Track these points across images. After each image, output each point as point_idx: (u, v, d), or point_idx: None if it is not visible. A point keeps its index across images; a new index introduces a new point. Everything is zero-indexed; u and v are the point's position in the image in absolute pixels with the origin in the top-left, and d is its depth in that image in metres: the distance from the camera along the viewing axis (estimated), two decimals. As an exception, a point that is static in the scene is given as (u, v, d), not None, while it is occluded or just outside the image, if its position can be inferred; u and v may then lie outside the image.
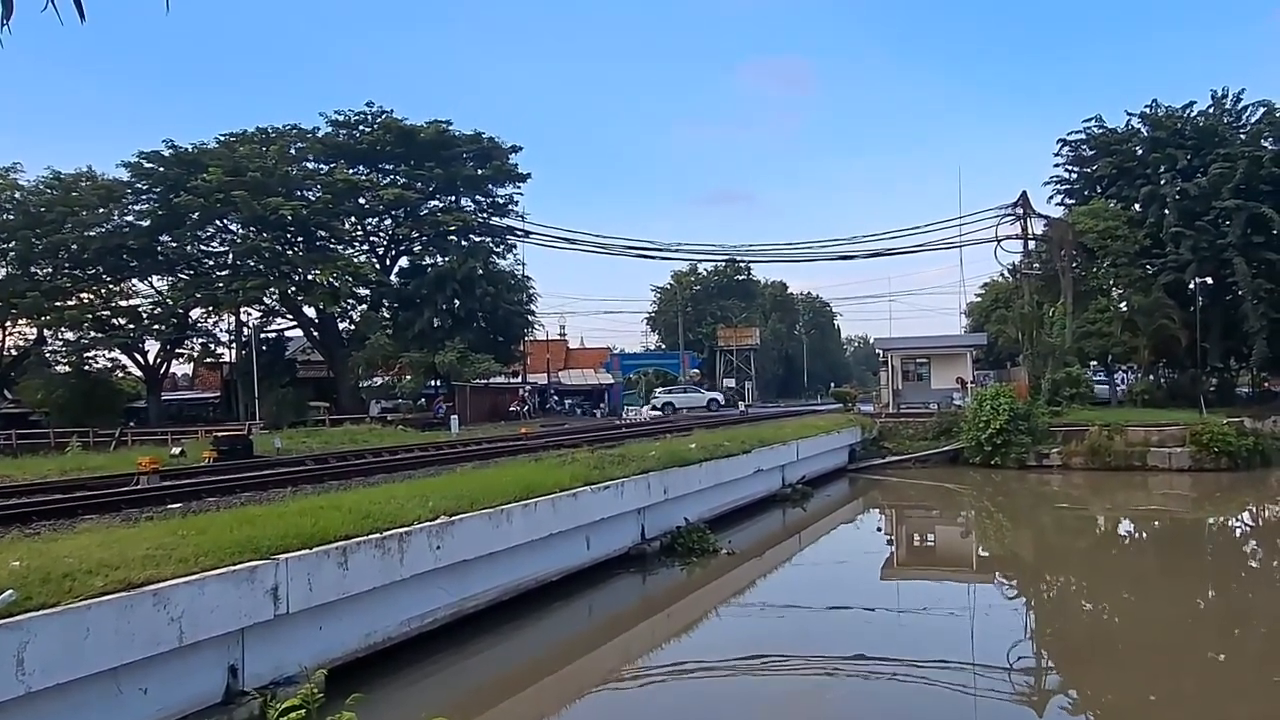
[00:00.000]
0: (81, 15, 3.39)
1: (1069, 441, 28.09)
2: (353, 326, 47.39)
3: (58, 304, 40.94)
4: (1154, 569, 16.08)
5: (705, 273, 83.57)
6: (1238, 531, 20.16)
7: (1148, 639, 10.74)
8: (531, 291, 52.19)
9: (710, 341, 76.61)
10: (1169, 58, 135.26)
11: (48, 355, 43.71)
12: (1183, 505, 23.07)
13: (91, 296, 42.76)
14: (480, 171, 48.51)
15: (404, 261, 50.20)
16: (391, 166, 47.41)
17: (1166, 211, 39.12)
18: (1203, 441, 26.30)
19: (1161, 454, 26.67)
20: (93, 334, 42.33)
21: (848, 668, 9.68)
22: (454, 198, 49.11)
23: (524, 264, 59.49)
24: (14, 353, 45.48)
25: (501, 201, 50.65)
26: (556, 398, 57.47)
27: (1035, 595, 14.08)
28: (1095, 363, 44.08)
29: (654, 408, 54.40)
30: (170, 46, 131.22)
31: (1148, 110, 42.71)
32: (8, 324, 43.72)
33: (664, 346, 78.93)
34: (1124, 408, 35.51)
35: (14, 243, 40.57)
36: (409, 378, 46.39)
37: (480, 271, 46.22)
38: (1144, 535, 19.83)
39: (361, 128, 46.83)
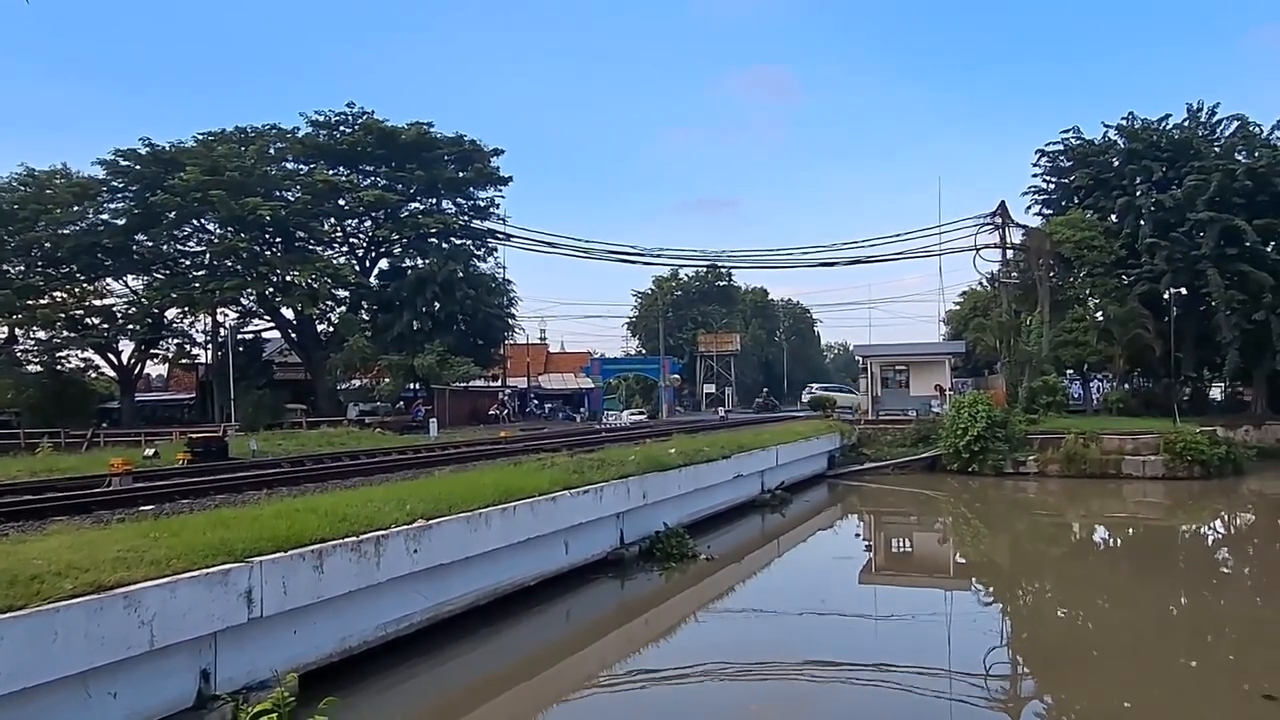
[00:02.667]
0: None
1: (1045, 449, 28.39)
2: (331, 328, 47.00)
3: (29, 302, 40.27)
4: (1128, 576, 16.25)
5: (686, 278, 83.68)
6: (1210, 539, 20.44)
7: (1121, 645, 10.84)
8: (512, 295, 52.17)
9: (691, 347, 76.73)
10: (1147, 71, 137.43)
11: (19, 354, 42.96)
12: (1156, 513, 23.36)
13: (65, 295, 42.07)
14: (461, 174, 48.33)
15: (384, 264, 50.02)
16: (372, 168, 47.11)
17: (1142, 222, 39.59)
18: (1176, 450, 26.68)
19: (1136, 462, 27.01)
20: (65, 333, 41.65)
21: (825, 673, 9.72)
22: (435, 200, 48.88)
23: (505, 267, 59.46)
24: (-16, 351, 44.70)
25: (483, 204, 50.61)
26: (536, 402, 57.29)
27: (1011, 601, 14.19)
28: (1071, 371, 44.56)
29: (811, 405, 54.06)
30: (149, 45, 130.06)
31: (1124, 122, 43.22)
32: (-23, 322, 42.99)
33: (644, 351, 78.82)
34: (1099, 416, 35.92)
35: (-15, 240, 39.93)
36: (388, 380, 46.04)
37: (461, 274, 45.99)
38: (1118, 542, 20.03)
39: (342, 128, 46.50)
